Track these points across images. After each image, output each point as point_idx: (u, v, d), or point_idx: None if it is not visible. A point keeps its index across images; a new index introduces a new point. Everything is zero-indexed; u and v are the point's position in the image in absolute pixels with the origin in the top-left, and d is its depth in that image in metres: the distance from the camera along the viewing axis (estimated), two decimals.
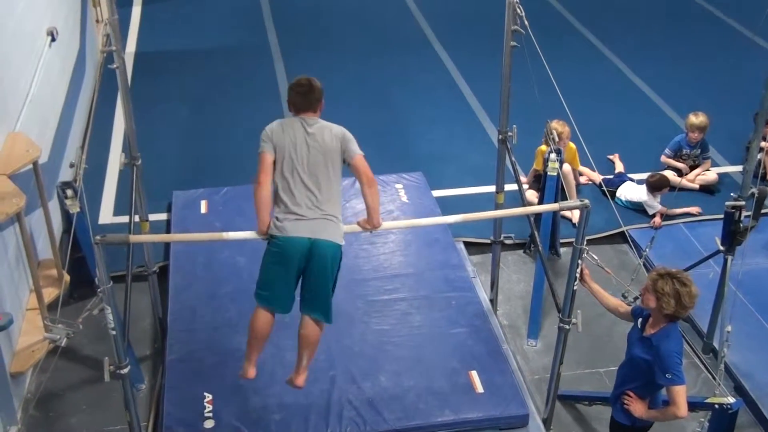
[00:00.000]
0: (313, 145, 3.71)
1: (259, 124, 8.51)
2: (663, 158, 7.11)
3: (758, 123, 4.95)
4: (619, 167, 7.15)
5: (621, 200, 6.73)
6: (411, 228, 6.05)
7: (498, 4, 5.02)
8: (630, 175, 6.98)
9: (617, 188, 6.79)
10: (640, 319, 4.01)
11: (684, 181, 6.72)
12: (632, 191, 6.72)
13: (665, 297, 3.74)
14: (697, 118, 6.87)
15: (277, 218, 3.69)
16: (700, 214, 6.63)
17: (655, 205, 6.55)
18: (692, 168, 7.05)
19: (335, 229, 3.71)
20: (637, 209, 6.67)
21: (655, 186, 6.49)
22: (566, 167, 6.44)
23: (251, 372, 3.94)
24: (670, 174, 6.99)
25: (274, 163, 3.73)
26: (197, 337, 5.08)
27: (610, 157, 7.30)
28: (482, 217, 4.79)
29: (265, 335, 3.85)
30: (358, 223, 3.81)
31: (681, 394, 3.80)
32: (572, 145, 6.58)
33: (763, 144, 6.58)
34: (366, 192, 3.73)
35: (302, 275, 3.73)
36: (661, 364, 3.81)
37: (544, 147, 6.22)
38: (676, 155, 7.07)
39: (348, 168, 3.79)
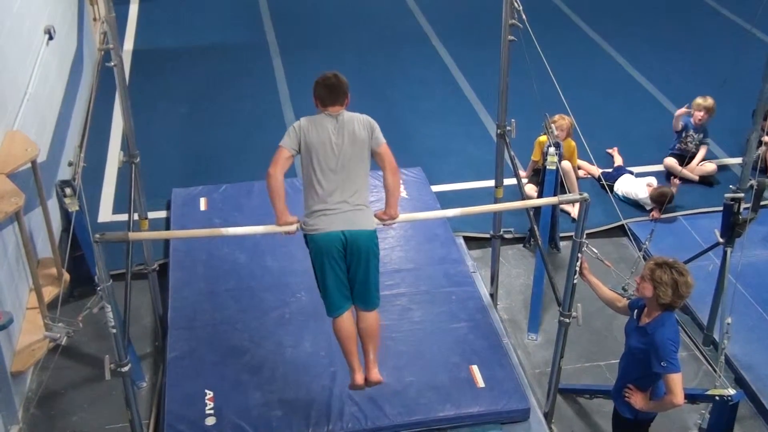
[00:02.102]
0: (343, 139, 3.76)
1: (257, 121, 8.58)
2: (675, 119, 7.01)
3: (757, 116, 4.95)
4: (618, 161, 7.14)
5: (618, 194, 6.72)
6: (411, 223, 6.04)
7: None
8: (629, 168, 6.97)
9: (615, 182, 6.79)
10: (636, 310, 4.02)
11: (684, 171, 6.72)
12: (628, 186, 6.71)
13: (662, 286, 3.75)
14: (705, 101, 6.88)
15: (308, 216, 3.75)
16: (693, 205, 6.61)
17: (649, 201, 6.55)
18: (692, 157, 7.02)
19: (366, 217, 3.77)
20: (634, 205, 6.66)
21: (657, 200, 6.44)
22: (567, 164, 6.44)
23: (359, 377, 3.98)
24: (672, 162, 6.97)
25: (302, 158, 3.79)
26: (198, 334, 5.09)
27: (609, 150, 7.30)
28: (481, 211, 4.80)
29: (354, 335, 3.95)
30: (376, 215, 3.84)
31: (677, 381, 3.81)
32: (572, 141, 6.57)
33: (766, 139, 6.59)
34: (390, 179, 3.82)
35: (348, 269, 3.82)
36: (656, 352, 3.81)
37: (543, 138, 6.22)
38: (683, 138, 7.02)
39: (372, 156, 3.86)
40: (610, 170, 6.96)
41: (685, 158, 6.83)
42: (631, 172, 6.89)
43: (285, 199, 3.76)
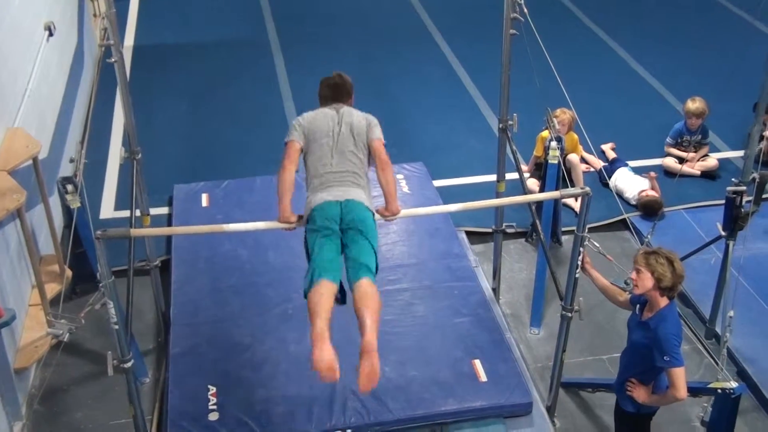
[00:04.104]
0: (341, 127, 3.77)
1: (259, 117, 8.58)
2: (666, 148, 7.09)
3: (759, 109, 4.95)
4: (611, 155, 7.12)
5: (613, 189, 6.67)
6: (413, 218, 6.04)
7: None
8: (628, 162, 6.94)
9: (611, 175, 6.76)
10: (638, 305, 4.03)
11: (684, 168, 6.71)
12: (621, 182, 6.67)
13: (660, 268, 3.78)
14: (693, 104, 6.85)
15: (308, 199, 3.70)
16: (657, 178, 6.60)
17: (632, 197, 6.54)
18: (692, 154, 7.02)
19: (363, 194, 3.71)
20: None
21: (643, 211, 6.43)
22: (575, 157, 6.43)
23: (326, 349, 3.28)
24: (670, 161, 6.99)
25: (305, 148, 3.77)
26: (200, 330, 5.09)
27: (603, 147, 7.26)
28: (484, 206, 4.79)
29: (331, 306, 3.44)
30: (377, 211, 3.81)
31: (679, 376, 3.82)
32: (574, 135, 6.56)
33: (767, 133, 6.58)
34: (381, 176, 3.77)
35: (342, 244, 3.61)
36: (659, 346, 3.82)
37: (545, 133, 6.21)
38: (678, 143, 7.05)
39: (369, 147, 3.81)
40: (606, 164, 6.95)
41: (683, 158, 6.83)
42: (627, 165, 6.87)
43: (291, 196, 3.72)
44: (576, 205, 6.45)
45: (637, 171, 6.82)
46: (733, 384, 4.31)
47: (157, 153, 6.89)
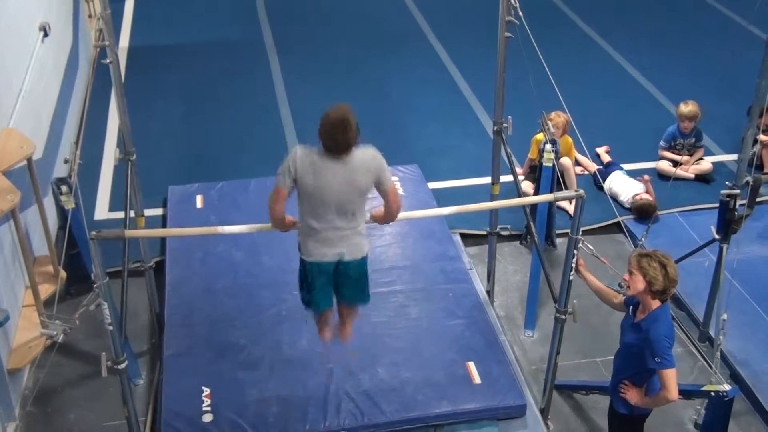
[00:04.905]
0: (344, 185, 3.57)
1: (254, 118, 8.57)
2: (660, 151, 7.11)
3: (753, 112, 4.96)
4: (606, 158, 7.13)
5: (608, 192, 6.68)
6: (407, 220, 6.04)
7: None
8: (622, 165, 6.96)
9: (606, 179, 6.77)
10: (631, 307, 4.04)
11: (679, 171, 6.73)
12: (616, 186, 6.69)
13: (652, 271, 3.78)
14: (686, 107, 6.87)
15: (302, 234, 3.74)
16: (651, 181, 6.63)
17: (626, 201, 6.56)
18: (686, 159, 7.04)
19: (358, 243, 3.77)
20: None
21: (637, 214, 6.44)
22: (567, 161, 6.44)
23: (328, 334, 4.19)
24: (665, 164, 7.01)
25: (298, 189, 3.62)
26: (194, 331, 5.09)
27: (598, 150, 7.28)
28: (478, 209, 4.80)
29: (332, 322, 4.18)
30: (372, 216, 3.82)
31: (671, 377, 3.83)
32: (569, 138, 6.58)
33: (762, 137, 6.60)
34: (389, 207, 3.78)
35: (336, 282, 3.90)
36: (650, 348, 3.83)
37: (540, 136, 6.22)
38: (672, 146, 7.08)
39: (375, 189, 3.71)
40: (601, 167, 6.96)
41: (677, 161, 6.85)
42: (622, 168, 6.89)
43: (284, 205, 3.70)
44: (570, 207, 6.46)
45: (632, 174, 6.84)
46: (727, 387, 4.32)
47: (152, 154, 6.89)
